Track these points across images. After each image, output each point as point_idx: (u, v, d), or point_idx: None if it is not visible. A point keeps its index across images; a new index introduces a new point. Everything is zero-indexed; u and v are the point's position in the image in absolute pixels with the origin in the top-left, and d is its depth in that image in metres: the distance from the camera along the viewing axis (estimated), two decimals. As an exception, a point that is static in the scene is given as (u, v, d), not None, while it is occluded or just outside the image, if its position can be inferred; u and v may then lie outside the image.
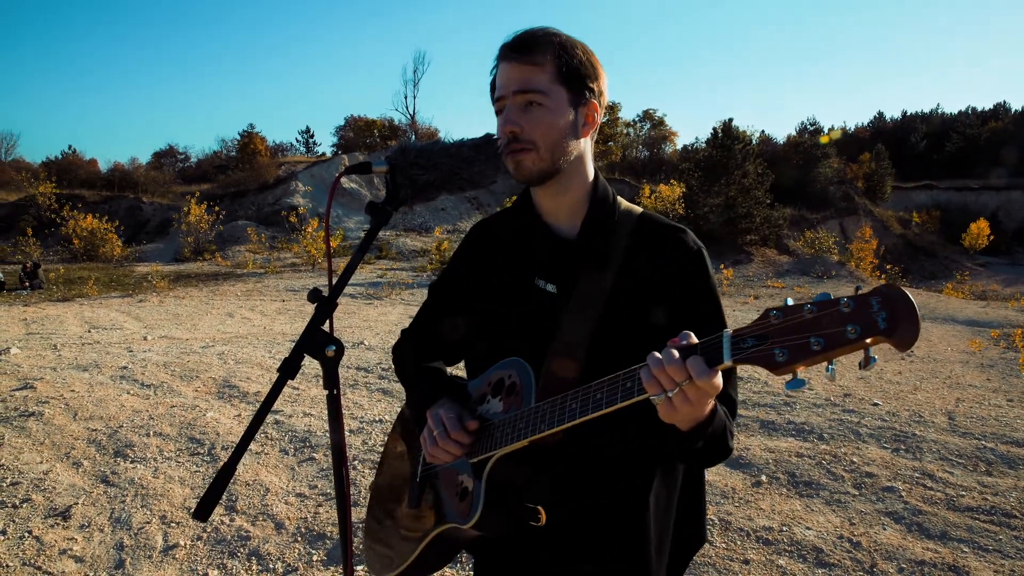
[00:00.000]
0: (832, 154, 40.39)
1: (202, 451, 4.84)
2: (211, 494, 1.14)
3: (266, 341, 9.26)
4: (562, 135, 1.34)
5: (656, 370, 1.05)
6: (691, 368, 1.02)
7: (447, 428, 1.36)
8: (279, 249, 25.63)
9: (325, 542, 3.67)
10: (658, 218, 1.44)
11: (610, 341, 1.34)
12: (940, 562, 3.49)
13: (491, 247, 1.57)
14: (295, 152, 47.56)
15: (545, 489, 1.37)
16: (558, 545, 1.42)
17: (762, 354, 0.96)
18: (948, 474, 4.57)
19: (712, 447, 1.23)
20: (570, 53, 1.33)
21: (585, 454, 1.37)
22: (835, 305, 0.90)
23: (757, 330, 0.98)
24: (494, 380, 1.45)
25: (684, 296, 1.34)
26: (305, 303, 15.73)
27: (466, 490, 1.39)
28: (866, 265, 26.94)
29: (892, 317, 0.85)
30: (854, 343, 0.88)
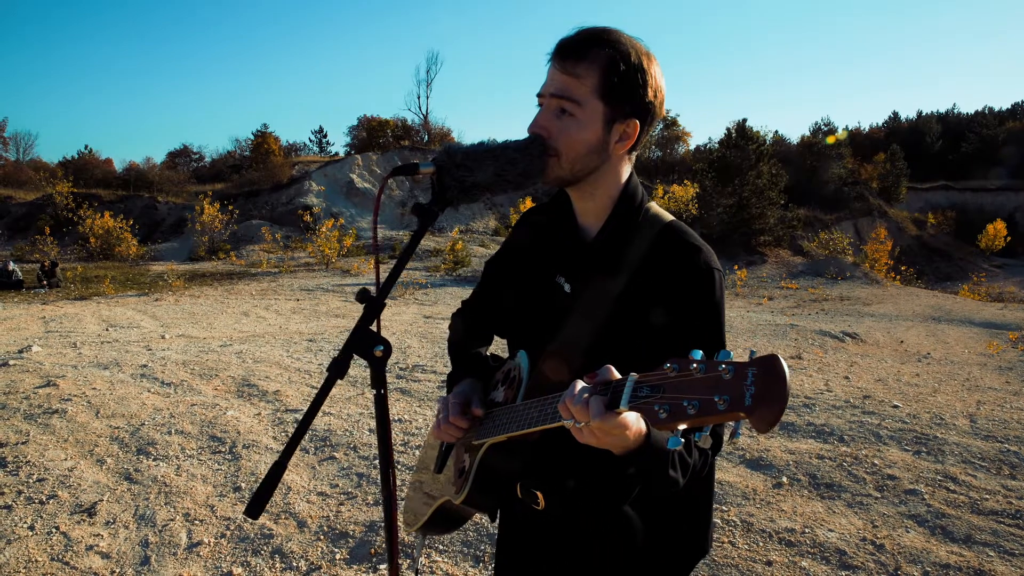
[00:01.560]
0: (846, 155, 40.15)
1: (223, 449, 4.88)
2: (263, 491, 1.16)
3: (283, 340, 9.31)
4: (587, 149, 1.33)
5: (566, 403, 1.08)
6: (591, 409, 1.03)
7: (449, 412, 1.47)
8: (293, 248, 25.77)
9: (348, 540, 3.69)
10: (682, 232, 1.40)
11: (608, 348, 1.32)
12: (965, 566, 3.46)
13: (529, 237, 1.60)
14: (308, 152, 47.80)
15: (535, 479, 1.41)
16: (559, 534, 1.48)
17: (648, 406, 0.95)
18: (971, 477, 4.53)
19: (646, 475, 1.19)
20: (618, 68, 1.29)
21: (567, 455, 1.36)
22: (716, 369, 0.88)
23: (655, 380, 0.97)
24: (507, 369, 1.52)
25: (683, 312, 1.31)
26: (319, 302, 15.82)
27: (464, 468, 1.48)
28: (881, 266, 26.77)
29: (759, 394, 0.83)
30: (721, 415, 0.85)
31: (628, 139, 1.36)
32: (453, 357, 1.72)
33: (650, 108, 1.35)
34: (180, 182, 33.79)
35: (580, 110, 1.30)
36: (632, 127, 1.34)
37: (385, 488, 1.29)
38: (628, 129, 1.34)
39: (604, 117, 1.32)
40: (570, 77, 1.30)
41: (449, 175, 1.26)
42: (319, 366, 7.49)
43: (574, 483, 1.39)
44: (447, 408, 1.47)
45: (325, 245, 22.67)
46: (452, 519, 1.65)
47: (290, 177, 32.06)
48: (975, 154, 47.74)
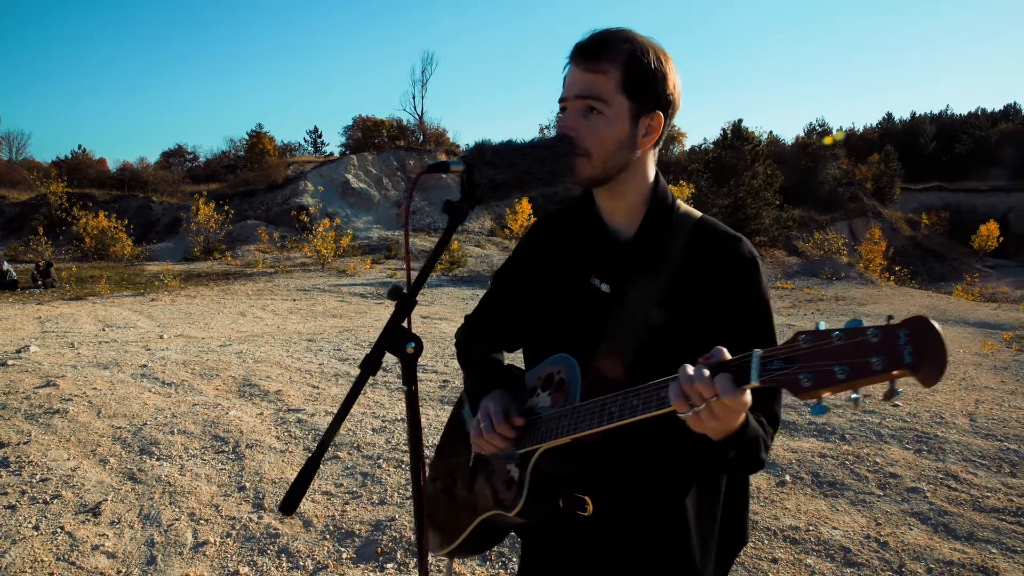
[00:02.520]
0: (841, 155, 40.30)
1: (227, 449, 4.87)
2: (297, 487, 1.16)
3: (282, 340, 9.30)
4: (617, 146, 1.34)
5: (685, 385, 1.08)
6: (718, 386, 1.04)
7: (492, 422, 1.41)
8: (289, 249, 25.72)
9: (354, 540, 3.70)
10: (716, 225, 1.43)
11: (658, 344, 1.34)
12: (968, 563, 3.49)
13: (551, 241, 1.59)
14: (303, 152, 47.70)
15: (588, 484, 1.40)
16: (607, 536, 1.45)
17: (788, 377, 0.97)
18: (972, 475, 4.57)
19: (743, 458, 1.24)
20: (639, 62, 1.31)
21: (627, 453, 1.39)
22: (863, 334, 0.90)
23: (786, 352, 0.99)
24: (544, 374, 1.48)
25: (735, 304, 1.34)
26: (316, 303, 15.79)
27: (512, 479, 1.43)
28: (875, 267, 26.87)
29: (919, 352, 0.85)
30: (878, 375, 0.88)
31: (654, 133, 1.37)
32: (470, 370, 1.67)
33: (671, 101, 1.37)
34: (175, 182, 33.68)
35: (607, 107, 1.32)
36: (657, 120, 1.36)
37: (416, 485, 1.28)
38: (653, 123, 1.36)
39: (630, 112, 1.33)
40: (594, 74, 1.32)
41: (480, 173, 1.27)
42: (319, 366, 7.49)
43: (632, 480, 1.40)
44: (489, 418, 1.42)
45: (321, 245, 22.64)
46: (491, 536, 1.59)
47: (285, 177, 31.98)
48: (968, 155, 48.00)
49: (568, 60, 1.37)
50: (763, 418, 1.31)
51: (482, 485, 1.54)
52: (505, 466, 1.48)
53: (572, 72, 1.36)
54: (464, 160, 1.28)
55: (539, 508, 1.38)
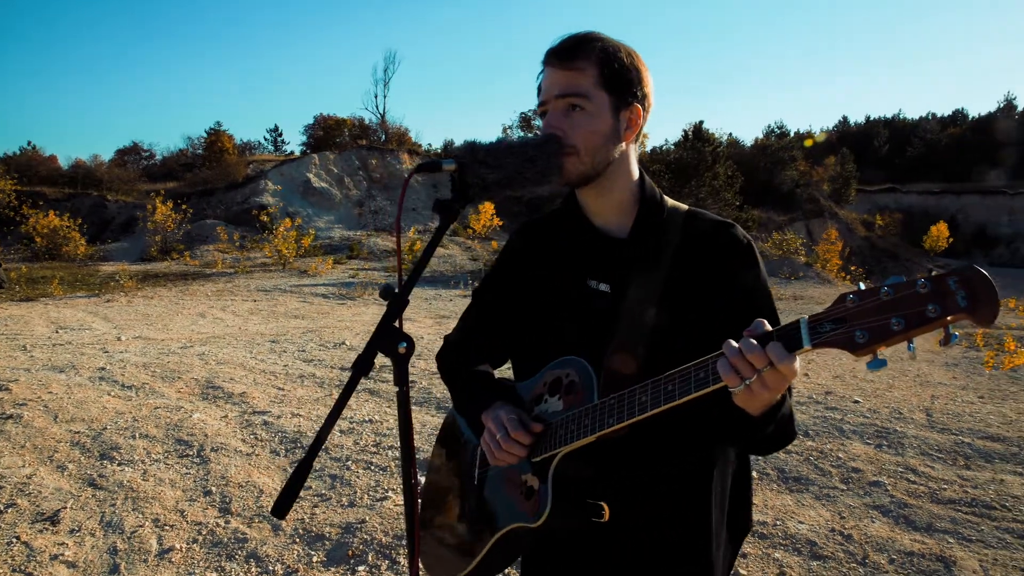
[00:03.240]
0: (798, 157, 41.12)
1: (191, 453, 4.77)
2: (289, 490, 1.15)
3: (245, 342, 9.14)
4: (603, 139, 1.36)
5: (735, 359, 1.08)
6: (772, 354, 1.05)
7: (509, 430, 1.38)
8: (249, 249, 25.27)
9: (324, 543, 3.65)
10: (706, 214, 1.47)
11: (667, 336, 1.36)
12: (928, 553, 3.60)
13: (539, 249, 1.58)
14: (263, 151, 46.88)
15: (609, 484, 1.39)
16: (621, 541, 1.43)
17: (842, 337, 1.00)
18: (930, 468, 4.71)
19: (781, 431, 1.27)
20: (613, 58, 1.35)
21: (648, 448, 1.39)
22: (912, 287, 0.94)
23: (834, 314, 1.01)
24: (550, 380, 1.46)
25: (737, 289, 1.37)
26: (277, 303, 15.56)
27: (531, 489, 1.40)
28: (832, 266, 27.48)
29: (972, 295, 0.89)
30: (934, 321, 0.91)
31: (634, 126, 1.40)
32: (458, 386, 1.62)
33: (646, 95, 1.41)
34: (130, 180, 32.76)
35: (588, 103, 1.34)
36: (636, 113, 1.39)
37: (407, 484, 1.27)
38: (632, 115, 1.39)
39: (611, 105, 1.36)
40: (572, 72, 1.34)
41: (471, 173, 1.27)
42: (284, 367, 7.38)
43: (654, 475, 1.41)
44: (504, 427, 1.38)
45: (282, 245, 22.28)
46: (511, 551, 1.51)
47: (245, 176, 31.41)
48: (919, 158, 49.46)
49: (542, 65, 1.40)
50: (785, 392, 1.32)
51: (495, 500, 1.50)
52: (520, 477, 1.44)
53: (549, 74, 1.38)
54: (456, 159, 1.28)
55: (563, 515, 1.35)
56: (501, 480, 1.50)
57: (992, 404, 6.34)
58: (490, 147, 1.29)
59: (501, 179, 1.29)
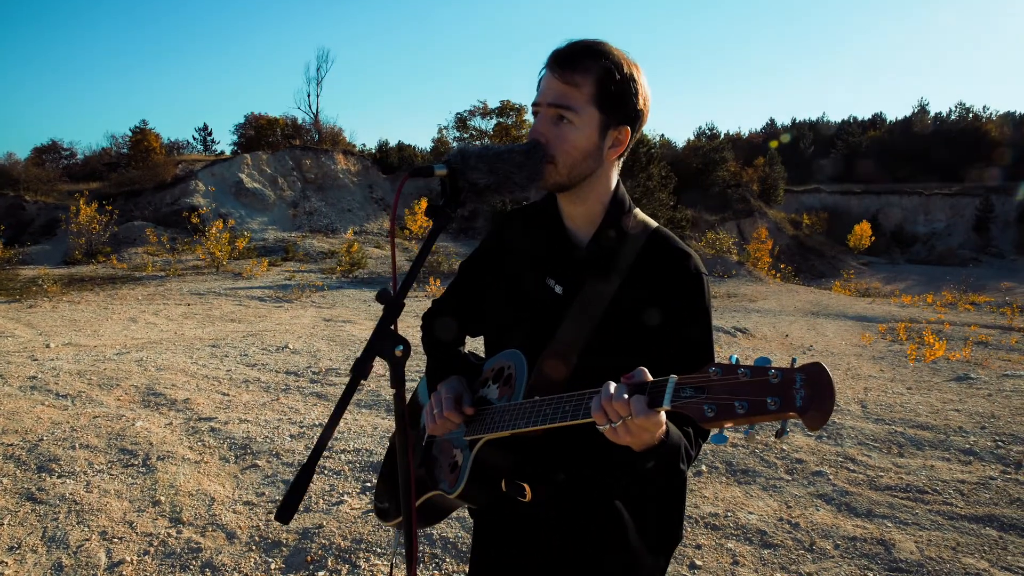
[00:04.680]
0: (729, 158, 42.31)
1: (136, 462, 4.61)
2: (292, 496, 1.15)
3: (184, 347, 8.86)
4: (583, 155, 1.39)
5: (604, 401, 1.15)
6: (632, 407, 1.12)
7: (443, 407, 1.49)
8: (180, 251, 24.46)
9: (281, 549, 3.60)
10: (669, 238, 1.49)
11: (602, 348, 1.41)
12: (869, 537, 3.78)
13: (513, 239, 1.63)
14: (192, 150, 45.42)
15: (527, 474, 1.47)
16: (544, 525, 1.52)
17: (694, 405, 1.05)
18: (867, 457, 4.94)
19: (662, 468, 1.29)
20: (612, 77, 1.36)
21: (561, 451, 1.46)
22: (765, 374, 0.98)
23: (698, 382, 1.07)
24: (496, 367, 1.55)
25: (677, 317, 1.40)
26: (212, 307, 15.14)
27: (456, 463, 1.52)
28: (763, 265, 28.40)
29: (809, 397, 0.93)
30: (772, 414, 0.96)
31: (620, 145, 1.43)
32: (431, 354, 1.73)
33: (640, 115, 1.43)
34: (50, 180, 31.22)
35: (577, 117, 1.37)
36: (624, 134, 1.42)
37: (404, 487, 1.28)
38: (620, 136, 1.42)
39: (599, 124, 1.38)
40: (568, 86, 1.37)
41: (463, 177, 1.29)
42: (227, 372, 7.19)
43: (564, 477, 1.46)
44: (440, 403, 1.49)
45: (215, 247, 21.66)
46: (436, 512, 1.67)
47: (174, 176, 30.37)
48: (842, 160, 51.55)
49: (545, 65, 1.41)
50: (691, 430, 1.37)
51: (431, 465, 1.63)
52: (452, 450, 1.56)
53: (547, 78, 1.40)
54: (448, 164, 1.30)
55: (478, 493, 1.47)
56: (440, 449, 1.63)
57: (919, 395, 6.69)
58: (481, 153, 1.32)
59: (491, 184, 1.32)
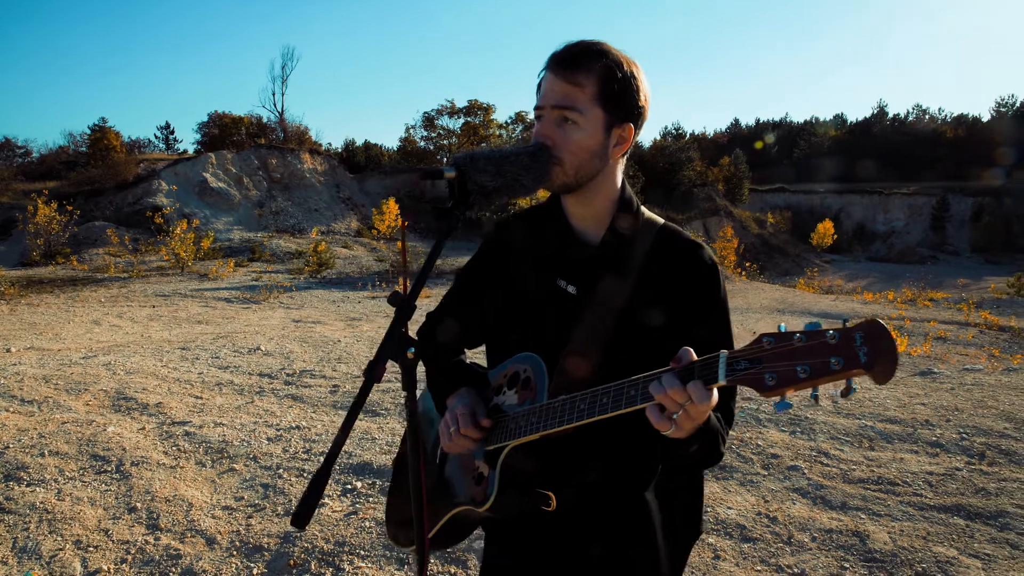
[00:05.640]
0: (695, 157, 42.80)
1: (109, 468, 4.52)
2: (308, 500, 1.14)
3: (152, 350, 8.69)
4: (589, 155, 1.41)
5: (660, 396, 1.15)
6: (692, 392, 1.12)
7: (460, 424, 1.46)
8: (144, 252, 23.98)
9: (263, 554, 3.56)
10: (679, 232, 1.53)
11: (623, 345, 1.43)
12: (844, 529, 3.87)
13: (518, 242, 1.62)
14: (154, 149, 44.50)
15: (555, 477, 1.46)
16: (568, 528, 1.51)
17: (753, 377, 1.06)
18: (839, 451, 5.05)
19: (706, 452, 1.33)
20: (614, 76, 1.38)
21: (593, 447, 1.46)
22: (822, 336, 1.00)
23: (751, 353, 1.08)
24: (510, 372, 1.53)
25: (696, 307, 1.43)
26: (178, 308, 14.89)
27: (481, 475, 1.48)
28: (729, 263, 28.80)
29: (873, 352, 0.95)
30: (836, 374, 0.97)
31: (624, 143, 1.45)
32: (433, 366, 1.69)
33: (642, 112, 1.45)
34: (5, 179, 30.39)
35: (582, 117, 1.38)
36: (628, 131, 1.44)
37: (415, 489, 1.27)
38: (624, 133, 1.43)
39: (604, 123, 1.40)
40: (571, 86, 1.38)
41: (472, 180, 1.30)
42: (199, 375, 7.08)
43: (594, 477, 1.47)
44: (456, 421, 1.47)
45: (180, 248, 21.29)
46: (460, 531, 1.63)
47: (136, 175, 29.75)
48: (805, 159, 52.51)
49: (545, 68, 1.42)
50: (719, 414, 1.40)
51: (450, 481, 1.58)
52: (473, 463, 1.52)
53: (549, 80, 1.41)
54: (456, 167, 1.30)
55: (508, 503, 1.44)
56: (457, 464, 1.58)
57: (887, 390, 6.85)
58: (490, 155, 1.32)
59: (500, 186, 1.32)
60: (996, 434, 5.49)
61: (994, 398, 6.61)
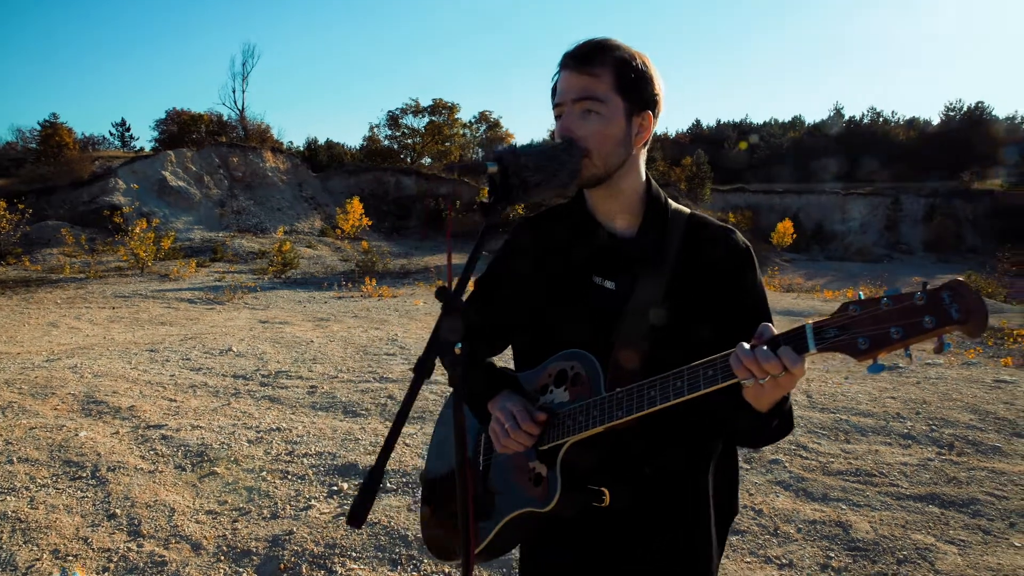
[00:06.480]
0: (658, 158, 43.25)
1: (84, 474, 4.39)
2: (364, 497, 1.11)
3: (119, 352, 8.47)
4: (615, 144, 1.42)
5: (749, 362, 1.16)
6: (785, 360, 1.14)
7: (518, 420, 1.43)
8: (101, 252, 23.34)
9: (252, 558, 3.50)
10: (707, 219, 1.56)
11: (669, 334, 1.43)
12: (827, 519, 3.96)
13: (543, 244, 1.61)
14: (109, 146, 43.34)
15: (610, 472, 1.45)
16: (620, 525, 1.49)
17: (845, 342, 1.10)
18: (817, 444, 5.16)
19: (783, 424, 1.36)
20: (629, 65, 1.40)
21: (650, 440, 1.45)
22: (909, 299, 1.04)
23: (838, 321, 1.11)
24: (555, 371, 1.50)
25: (736, 291, 1.46)
26: (139, 310, 14.54)
27: (539, 475, 1.45)
28: (693, 261, 29.12)
29: (964, 308, 0.99)
30: (930, 332, 1.01)
31: (645, 131, 1.46)
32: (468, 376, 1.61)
33: (657, 101, 1.47)
34: (-50, 177, 29.34)
35: (604, 107, 1.39)
36: (647, 119, 1.45)
37: (461, 488, 1.25)
38: (644, 122, 1.45)
39: (625, 111, 1.41)
40: (589, 77, 1.39)
41: (515, 175, 1.29)
42: (171, 377, 6.92)
43: (650, 471, 1.47)
44: (513, 417, 1.44)
45: (139, 248, 20.77)
46: (515, 536, 1.57)
47: (92, 173, 28.94)
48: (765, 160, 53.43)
49: (559, 68, 1.44)
50: None
51: (501, 486, 1.54)
52: (526, 464, 1.49)
53: (565, 77, 1.42)
54: (499, 161, 1.29)
55: (573, 500, 1.41)
56: (507, 467, 1.54)
57: (857, 384, 7.02)
58: (530, 150, 1.32)
59: (540, 181, 1.32)
60: (963, 425, 5.66)
61: (958, 391, 6.82)
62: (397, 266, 25.91)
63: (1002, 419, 5.85)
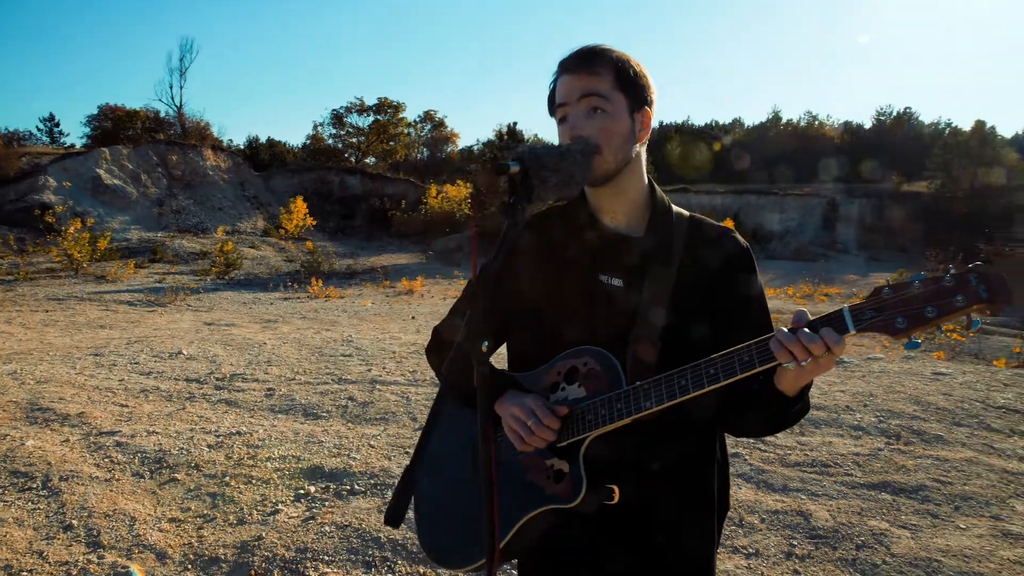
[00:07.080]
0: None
1: (34, 485, 4.21)
2: (401, 498, 1.11)
3: (61, 357, 8.12)
4: (623, 139, 1.45)
5: (792, 345, 1.21)
6: (828, 340, 1.20)
7: (540, 416, 1.41)
8: (31, 253, 22.37)
9: (221, 566, 3.41)
10: (706, 220, 1.60)
11: (681, 328, 1.47)
12: (789, 509, 4.09)
13: (543, 244, 1.61)
14: (37, 142, 41.50)
15: (624, 467, 1.47)
16: (629, 521, 1.51)
17: (883, 322, 1.19)
18: (774, 438, 5.31)
19: (804, 408, 1.42)
20: (627, 64, 1.45)
21: (660, 432, 1.47)
22: (939, 282, 1.16)
23: (873, 304, 1.20)
24: (564, 369, 1.50)
25: (738, 287, 1.51)
26: (76, 313, 14.00)
27: (560, 472, 1.45)
28: (639, 260, 29.60)
29: (990, 288, 1.11)
30: (961, 310, 1.13)
31: (646, 128, 1.50)
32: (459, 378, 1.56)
33: (652, 101, 1.51)
34: None
35: (608, 104, 1.42)
36: (647, 116, 1.49)
37: (487, 491, 1.23)
38: (644, 119, 1.49)
39: (627, 107, 1.45)
40: (591, 76, 1.43)
41: (536, 175, 1.30)
42: (120, 382, 6.67)
43: (658, 466, 1.49)
44: (534, 413, 1.42)
45: (73, 248, 19.99)
46: (532, 535, 1.53)
47: (19, 171, 27.69)
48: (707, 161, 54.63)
49: (556, 75, 1.47)
50: None
51: (516, 486, 1.52)
52: (543, 462, 1.48)
53: (566, 81, 1.45)
54: (521, 161, 1.30)
55: (596, 496, 1.42)
56: (521, 467, 1.52)
57: (807, 378, 7.25)
58: (549, 151, 1.33)
59: (559, 181, 1.33)
60: (908, 416, 5.92)
61: (900, 384, 7.12)
62: (343, 266, 25.55)
63: (943, 409, 6.14)
